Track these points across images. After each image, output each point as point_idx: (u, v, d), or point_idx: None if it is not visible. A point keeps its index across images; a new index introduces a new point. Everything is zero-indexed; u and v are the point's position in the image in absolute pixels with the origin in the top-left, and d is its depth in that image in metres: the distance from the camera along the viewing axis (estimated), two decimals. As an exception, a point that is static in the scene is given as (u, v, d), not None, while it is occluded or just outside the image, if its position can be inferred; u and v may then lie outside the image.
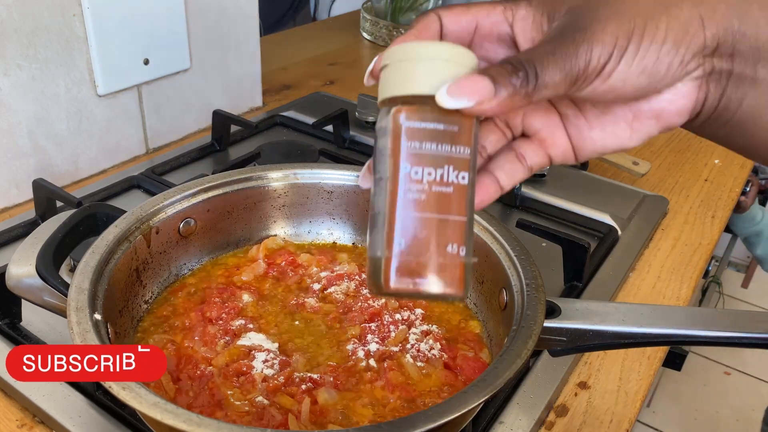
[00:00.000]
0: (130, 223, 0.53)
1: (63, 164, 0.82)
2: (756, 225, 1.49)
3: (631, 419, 0.56)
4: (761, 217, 1.48)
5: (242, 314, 0.54)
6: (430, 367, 0.50)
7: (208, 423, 0.36)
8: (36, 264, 0.48)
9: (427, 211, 0.32)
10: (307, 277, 0.59)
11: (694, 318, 0.46)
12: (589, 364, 0.61)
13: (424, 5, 1.44)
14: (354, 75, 1.28)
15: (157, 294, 0.56)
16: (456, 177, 0.32)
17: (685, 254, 0.78)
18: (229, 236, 0.62)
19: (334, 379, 0.48)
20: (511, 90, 0.31)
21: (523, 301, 0.47)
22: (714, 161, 1.01)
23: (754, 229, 1.50)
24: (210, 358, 0.50)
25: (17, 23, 0.72)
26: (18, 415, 0.52)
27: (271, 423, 0.44)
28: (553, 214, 0.81)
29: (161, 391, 0.46)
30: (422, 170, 0.31)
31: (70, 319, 0.43)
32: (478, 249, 0.55)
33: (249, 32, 1.01)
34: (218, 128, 0.92)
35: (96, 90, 0.82)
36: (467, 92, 0.30)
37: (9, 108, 0.74)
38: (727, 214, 0.87)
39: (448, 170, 0.32)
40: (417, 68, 0.32)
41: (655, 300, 0.70)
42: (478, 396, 0.39)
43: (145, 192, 0.81)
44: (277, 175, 0.62)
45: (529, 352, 0.42)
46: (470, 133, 0.32)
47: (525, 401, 0.54)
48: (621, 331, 0.45)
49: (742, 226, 1.52)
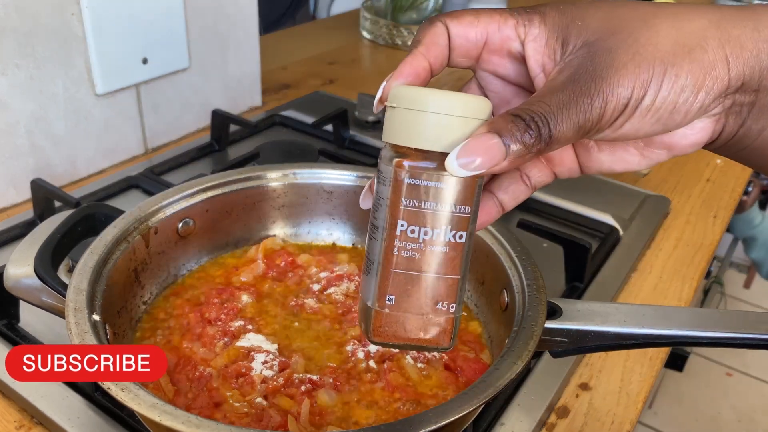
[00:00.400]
0: (129, 224, 0.52)
1: (61, 164, 0.82)
2: (752, 228, 1.47)
3: (632, 420, 0.56)
4: (759, 221, 1.46)
5: (241, 315, 0.54)
6: (431, 369, 0.49)
7: (206, 424, 0.36)
8: (34, 264, 0.48)
9: (422, 270, 0.31)
10: (307, 277, 0.59)
11: (696, 319, 0.46)
12: (590, 366, 0.61)
13: (424, 4, 1.44)
14: (354, 74, 1.27)
15: (155, 295, 0.56)
16: (453, 236, 0.31)
17: (686, 255, 0.77)
18: (228, 236, 0.61)
19: (334, 380, 0.48)
20: (523, 149, 0.29)
21: (524, 301, 0.47)
22: (716, 161, 1.00)
23: (750, 233, 1.49)
24: (209, 359, 0.49)
25: (15, 22, 0.72)
26: (16, 416, 0.52)
27: (271, 424, 0.44)
28: (555, 214, 0.81)
29: (160, 392, 0.46)
30: (419, 229, 0.31)
31: (68, 319, 0.42)
32: (479, 249, 0.55)
33: (248, 31, 1.01)
34: (217, 128, 0.91)
35: (94, 89, 0.82)
36: (478, 157, 0.29)
37: (7, 107, 0.74)
38: (728, 214, 0.87)
39: (446, 230, 0.31)
40: (425, 121, 0.30)
41: (656, 301, 0.70)
42: (478, 397, 0.38)
43: (144, 192, 0.81)
44: (276, 175, 0.62)
45: (530, 354, 0.42)
46: (473, 192, 0.31)
47: (526, 402, 0.54)
48: (623, 332, 0.45)
49: (739, 227, 1.51)
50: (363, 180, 0.61)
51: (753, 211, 1.47)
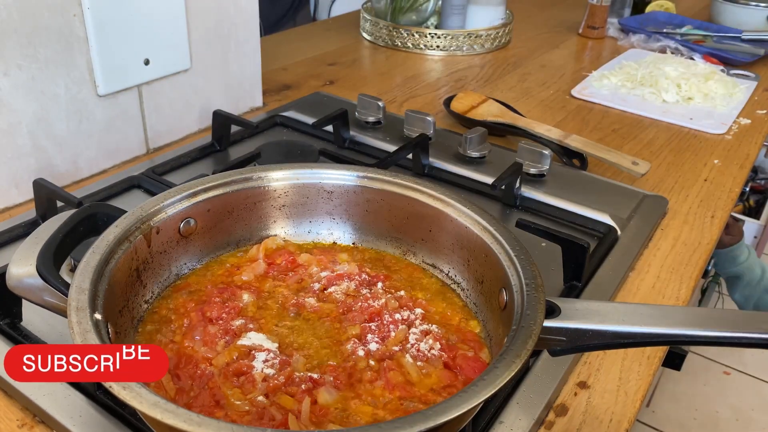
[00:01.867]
0: (131, 223, 0.53)
1: (63, 164, 0.82)
2: (737, 266, 1.34)
3: (630, 419, 0.56)
4: (745, 258, 1.33)
5: (242, 314, 0.54)
6: (430, 367, 0.50)
7: (208, 423, 0.36)
8: (36, 264, 0.48)
9: None
10: (307, 276, 0.59)
11: (694, 318, 0.46)
12: (588, 364, 0.61)
13: (424, 5, 1.44)
14: (354, 75, 1.28)
15: (157, 294, 0.56)
16: None
17: (684, 254, 0.78)
18: (229, 236, 0.62)
19: (334, 378, 0.48)
20: None
21: (522, 300, 0.47)
22: (713, 161, 1.01)
23: (734, 270, 1.35)
24: (210, 357, 0.50)
25: (17, 23, 0.72)
26: (18, 414, 0.53)
27: (272, 423, 0.45)
28: (553, 214, 0.81)
29: (161, 390, 0.46)
30: None
31: (70, 318, 0.43)
32: (478, 248, 0.55)
33: (249, 32, 1.01)
34: (218, 128, 0.92)
35: (96, 90, 0.82)
36: None
37: (9, 108, 0.74)
38: (726, 213, 0.88)
39: None
40: None
41: (654, 300, 0.70)
42: (477, 396, 0.39)
43: (146, 192, 0.81)
44: (277, 175, 0.62)
45: (529, 352, 0.42)
46: None
47: (525, 401, 0.54)
48: (621, 331, 0.45)
49: (721, 264, 1.36)
50: (363, 180, 0.62)
51: (739, 247, 1.33)
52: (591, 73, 1.31)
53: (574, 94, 1.23)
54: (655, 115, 1.15)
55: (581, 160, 0.94)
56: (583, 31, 1.58)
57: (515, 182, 0.82)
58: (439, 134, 0.97)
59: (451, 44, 1.40)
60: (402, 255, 0.63)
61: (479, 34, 1.42)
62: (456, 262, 0.59)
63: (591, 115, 1.16)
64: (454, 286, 0.59)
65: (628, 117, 1.15)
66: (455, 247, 0.58)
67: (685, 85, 1.22)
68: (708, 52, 1.42)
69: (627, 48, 1.50)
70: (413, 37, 1.40)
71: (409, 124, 0.96)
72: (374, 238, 0.64)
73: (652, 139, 1.07)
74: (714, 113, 1.17)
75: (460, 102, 1.08)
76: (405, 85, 1.24)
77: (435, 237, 0.60)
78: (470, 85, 1.26)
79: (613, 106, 1.19)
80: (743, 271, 1.34)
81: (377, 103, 1.00)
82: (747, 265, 1.33)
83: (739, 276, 1.35)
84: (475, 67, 1.35)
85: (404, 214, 0.61)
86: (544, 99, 1.21)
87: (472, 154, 0.91)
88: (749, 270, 1.34)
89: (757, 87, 1.30)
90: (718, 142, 1.07)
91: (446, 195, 0.59)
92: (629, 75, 1.27)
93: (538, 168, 0.87)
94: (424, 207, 0.59)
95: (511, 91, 1.24)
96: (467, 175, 0.88)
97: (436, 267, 0.61)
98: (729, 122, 1.13)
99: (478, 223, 0.55)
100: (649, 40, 1.51)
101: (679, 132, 1.10)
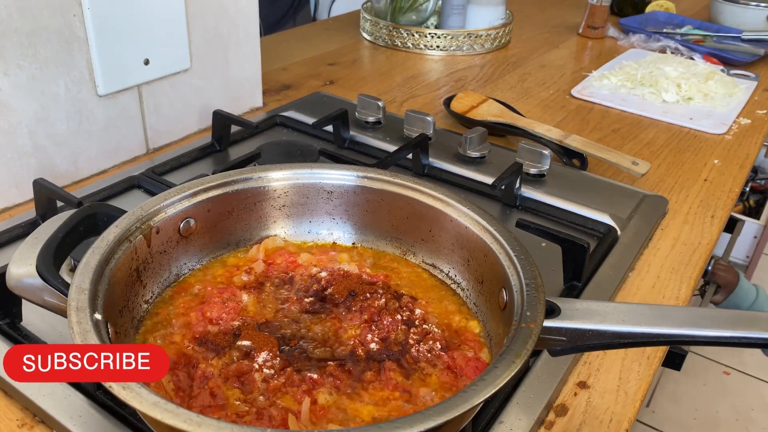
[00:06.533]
0: (131, 223, 0.53)
1: (63, 164, 0.82)
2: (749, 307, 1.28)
3: (630, 419, 0.56)
4: (754, 298, 1.29)
5: (242, 314, 0.54)
6: (430, 367, 0.50)
7: (208, 423, 0.36)
8: (36, 264, 0.48)
9: None
10: (307, 276, 0.59)
11: (694, 318, 0.46)
12: (588, 364, 0.61)
13: (423, 6, 1.44)
14: (354, 75, 1.28)
15: (157, 294, 0.56)
16: None
17: (684, 254, 0.78)
18: (229, 236, 0.62)
19: (334, 378, 0.48)
20: None
21: (522, 300, 0.47)
22: (713, 161, 1.01)
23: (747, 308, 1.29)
24: (210, 358, 0.50)
25: (17, 23, 0.72)
26: (18, 414, 0.53)
27: (271, 423, 0.45)
28: (553, 214, 0.81)
29: (161, 390, 0.46)
30: None
31: (70, 318, 0.43)
32: (478, 248, 0.55)
33: (249, 32, 1.01)
34: (218, 128, 0.92)
35: (96, 90, 0.82)
36: None
37: (9, 108, 0.74)
38: (726, 213, 0.88)
39: None
40: None
41: (654, 300, 0.70)
42: (477, 396, 0.39)
43: (146, 192, 0.81)
44: (277, 175, 0.62)
45: (529, 352, 0.42)
46: None
47: (525, 401, 0.54)
48: (621, 331, 0.45)
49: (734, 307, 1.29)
50: (363, 180, 0.62)
51: (744, 287, 1.28)
52: (591, 73, 1.31)
53: (574, 94, 1.23)
54: (655, 115, 1.15)
55: (581, 160, 0.95)
56: (583, 31, 1.58)
57: (515, 182, 0.82)
58: (439, 134, 0.97)
59: (451, 44, 1.40)
60: (402, 255, 0.63)
61: (479, 34, 1.42)
62: (456, 262, 0.59)
63: (591, 115, 1.16)
64: (454, 286, 0.59)
65: (628, 117, 1.15)
66: (455, 247, 0.58)
67: (685, 85, 1.22)
68: (708, 52, 1.42)
69: (627, 48, 1.50)
70: (413, 37, 1.40)
71: (409, 124, 0.96)
72: (374, 238, 0.64)
73: (652, 139, 1.07)
74: (714, 113, 1.17)
75: (460, 102, 1.08)
76: (405, 85, 1.24)
77: (435, 237, 0.60)
78: (470, 85, 1.26)
79: (613, 106, 1.19)
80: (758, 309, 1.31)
81: (377, 103, 1.00)
82: (759, 303, 1.31)
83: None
84: (475, 67, 1.35)
85: (404, 214, 0.61)
86: (544, 99, 1.21)
87: (472, 154, 0.91)
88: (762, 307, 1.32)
89: (757, 87, 1.30)
90: (718, 142, 1.07)
91: (446, 195, 0.59)
92: (629, 75, 1.27)
93: (538, 168, 0.88)
94: (424, 207, 0.59)
95: (511, 91, 1.24)
96: (467, 175, 0.88)
97: (436, 267, 0.61)
98: (729, 122, 1.13)
99: (478, 223, 0.55)
100: (649, 40, 1.51)
101: (679, 132, 1.11)
